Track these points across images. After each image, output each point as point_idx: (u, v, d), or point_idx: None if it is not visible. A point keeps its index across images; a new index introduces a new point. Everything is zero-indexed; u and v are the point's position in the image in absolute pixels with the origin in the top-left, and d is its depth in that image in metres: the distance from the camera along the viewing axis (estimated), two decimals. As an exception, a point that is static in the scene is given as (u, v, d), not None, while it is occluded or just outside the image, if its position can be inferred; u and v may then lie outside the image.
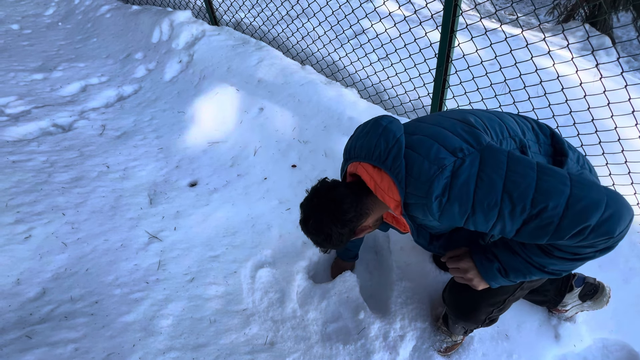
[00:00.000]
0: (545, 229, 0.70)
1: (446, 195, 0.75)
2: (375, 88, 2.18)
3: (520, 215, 0.70)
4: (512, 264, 0.83)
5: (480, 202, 0.72)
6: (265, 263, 1.54)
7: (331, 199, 0.90)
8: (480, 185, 0.72)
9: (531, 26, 3.79)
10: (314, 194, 0.94)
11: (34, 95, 2.57)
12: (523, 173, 0.72)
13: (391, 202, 0.86)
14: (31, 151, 2.01)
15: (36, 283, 1.39)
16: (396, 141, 0.84)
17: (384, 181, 0.85)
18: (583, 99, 1.36)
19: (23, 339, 1.19)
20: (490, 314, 1.03)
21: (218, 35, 2.72)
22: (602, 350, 1.25)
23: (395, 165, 0.82)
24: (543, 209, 0.68)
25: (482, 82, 1.65)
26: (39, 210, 1.64)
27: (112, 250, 1.52)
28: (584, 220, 0.66)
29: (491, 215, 0.72)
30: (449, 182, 0.75)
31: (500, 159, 0.74)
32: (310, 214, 0.93)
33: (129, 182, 1.87)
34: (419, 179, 0.78)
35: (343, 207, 0.89)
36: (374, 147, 0.87)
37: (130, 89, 2.68)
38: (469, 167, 0.74)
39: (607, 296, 1.21)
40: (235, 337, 1.28)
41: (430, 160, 0.77)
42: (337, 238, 0.91)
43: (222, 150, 2.06)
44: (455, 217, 0.77)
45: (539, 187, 0.70)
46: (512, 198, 0.70)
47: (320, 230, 0.91)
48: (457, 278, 0.96)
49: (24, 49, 3.33)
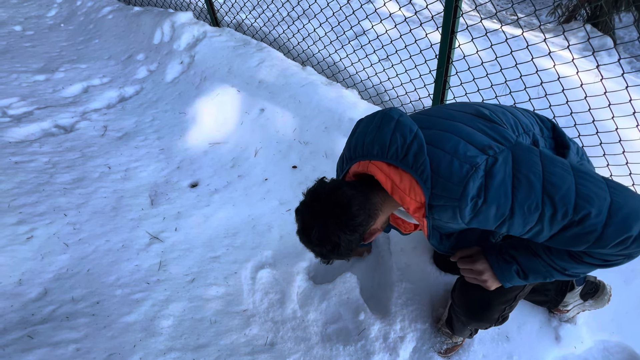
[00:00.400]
0: (587, 237, 0.66)
1: (482, 196, 0.69)
2: (376, 89, 2.18)
3: (561, 220, 0.66)
4: (532, 266, 0.80)
5: (520, 204, 0.67)
6: (265, 264, 1.54)
7: (336, 203, 0.77)
8: (518, 186, 0.67)
9: (532, 27, 3.79)
10: (313, 198, 0.80)
11: (37, 96, 2.59)
12: (560, 175, 0.68)
13: (412, 204, 0.77)
14: (33, 152, 2.02)
15: (38, 283, 1.39)
16: (415, 136, 0.75)
17: (403, 181, 0.76)
18: (584, 100, 1.36)
19: (25, 339, 1.19)
20: (503, 311, 1.00)
21: (219, 36, 2.73)
22: (603, 352, 1.25)
23: (418, 163, 0.74)
24: (586, 215, 0.65)
25: (483, 83, 1.65)
26: (41, 211, 1.65)
27: (113, 251, 1.53)
28: (627, 230, 0.64)
29: (531, 219, 0.68)
30: (483, 182, 0.69)
31: (534, 159, 0.70)
32: (312, 221, 0.79)
33: (130, 182, 1.88)
34: (449, 179, 0.71)
35: (352, 211, 0.76)
36: (390, 143, 0.77)
37: (131, 90, 2.69)
38: (502, 165, 0.69)
39: (608, 294, 1.21)
40: (235, 338, 1.28)
41: (460, 158, 0.71)
42: (345, 247, 0.79)
43: (223, 151, 2.07)
44: (489, 221, 0.71)
45: (579, 192, 0.66)
46: (554, 201, 0.66)
47: (326, 239, 0.78)
48: (469, 278, 0.92)
49: (26, 50, 3.35)
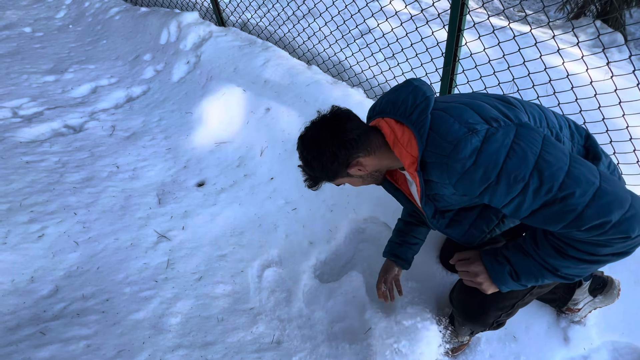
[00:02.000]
0: (566, 215, 0.68)
1: (473, 158, 0.72)
2: (382, 88, 2.18)
3: (544, 195, 0.69)
4: (524, 267, 0.81)
5: (508, 172, 0.70)
6: (272, 262, 1.55)
7: (336, 117, 0.89)
8: (512, 156, 0.70)
9: (541, 23, 3.73)
10: (322, 115, 0.93)
11: (46, 96, 2.63)
12: (557, 156, 0.70)
13: (407, 158, 0.83)
14: (44, 152, 2.06)
15: (49, 281, 1.42)
16: (425, 98, 0.82)
17: (404, 135, 0.83)
18: (594, 97, 1.34)
19: (37, 335, 1.22)
20: (499, 317, 1.02)
21: (225, 36, 2.74)
22: (613, 353, 1.23)
23: (420, 119, 0.80)
24: (570, 194, 0.67)
25: (490, 81, 1.63)
26: (52, 210, 1.68)
27: (122, 249, 1.55)
28: (606, 214, 0.66)
29: (515, 188, 0.70)
30: (478, 146, 0.72)
31: (536, 138, 0.73)
32: (311, 127, 0.92)
33: (138, 182, 1.90)
34: (445, 137, 0.76)
35: (346, 126, 0.87)
36: (401, 102, 0.85)
37: (139, 90, 2.72)
38: (502, 136, 0.73)
39: (617, 289, 1.20)
40: (242, 336, 1.29)
41: (462, 122, 0.76)
42: (329, 157, 0.87)
43: (229, 150, 2.08)
44: (474, 184, 0.74)
45: (570, 172, 0.68)
46: (542, 176, 0.68)
47: (315, 144, 0.89)
48: (466, 281, 0.94)
49: (36, 51, 3.40)
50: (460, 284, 1.06)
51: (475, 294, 0.96)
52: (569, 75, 1.39)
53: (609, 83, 1.31)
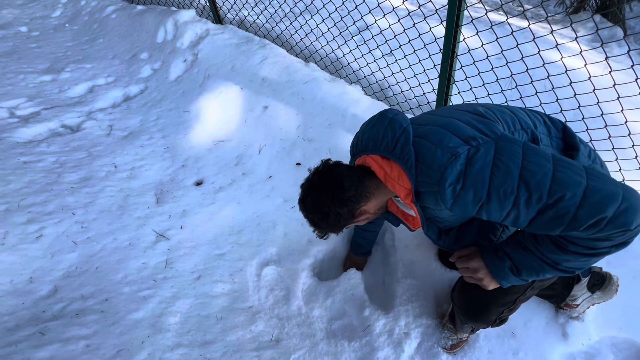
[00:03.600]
0: (561, 219, 0.69)
1: (460, 182, 0.74)
2: (380, 84, 2.17)
3: (536, 204, 0.69)
4: (525, 262, 0.82)
5: (496, 189, 0.71)
6: (270, 261, 1.55)
7: (331, 176, 0.89)
8: (497, 173, 0.72)
9: (540, 18, 3.71)
10: (314, 173, 0.94)
11: (43, 96, 2.62)
12: (539, 163, 0.71)
13: (402, 191, 0.85)
14: (41, 152, 2.05)
15: (48, 281, 1.42)
16: (403, 130, 0.84)
17: (393, 170, 0.85)
18: (592, 92, 1.34)
19: (37, 335, 1.22)
20: (501, 314, 1.01)
21: (222, 33, 2.72)
22: (611, 349, 1.23)
23: (404, 153, 0.82)
24: (560, 198, 0.68)
25: (488, 77, 1.62)
26: (50, 210, 1.67)
27: (120, 249, 1.55)
28: (600, 212, 0.66)
29: (507, 203, 0.71)
30: (463, 169, 0.74)
31: (515, 149, 0.74)
32: (309, 191, 0.92)
33: (136, 181, 1.90)
34: (431, 166, 0.77)
35: (343, 185, 0.87)
36: (382, 137, 0.87)
37: (136, 89, 2.71)
38: (484, 155, 0.74)
39: (615, 285, 1.20)
40: (241, 334, 1.29)
41: (443, 148, 0.77)
42: (334, 218, 0.89)
43: (227, 149, 2.07)
44: (468, 206, 0.75)
45: (555, 177, 0.69)
46: (529, 186, 0.69)
47: (317, 208, 0.90)
48: (467, 278, 0.94)
49: (32, 51, 3.38)
50: (461, 282, 1.06)
51: (476, 291, 0.96)
52: (567, 70, 1.39)
53: (607, 78, 1.30)
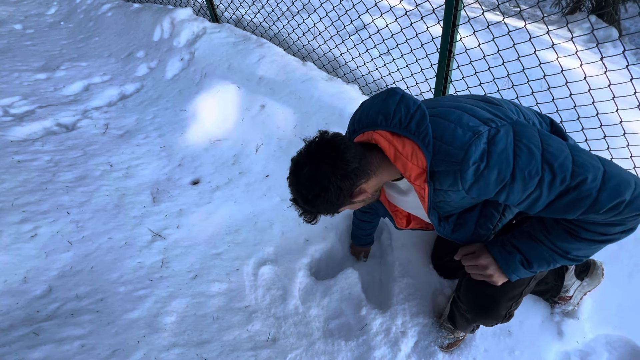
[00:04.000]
0: (583, 202, 0.69)
1: (484, 160, 0.71)
2: (377, 84, 2.17)
3: (559, 185, 0.69)
4: (535, 253, 0.82)
5: (521, 169, 0.70)
6: (267, 260, 1.55)
7: (333, 146, 0.78)
8: (520, 153, 0.71)
9: (536, 18, 3.73)
10: (312, 141, 0.81)
11: (38, 95, 2.59)
12: (558, 147, 0.71)
13: (414, 170, 0.79)
14: (36, 151, 2.03)
15: (42, 281, 1.41)
16: (418, 107, 0.79)
17: (406, 147, 0.79)
18: (588, 92, 1.34)
19: (31, 335, 1.21)
20: (510, 308, 1.00)
21: (219, 32, 2.71)
22: (606, 347, 1.24)
23: (420, 129, 0.77)
24: (582, 181, 0.68)
25: (485, 77, 1.63)
26: (44, 209, 1.66)
27: (116, 248, 1.54)
28: (620, 195, 0.67)
29: (531, 183, 0.70)
30: (486, 148, 0.72)
31: (533, 133, 0.74)
32: (306, 159, 0.79)
33: (132, 180, 1.89)
34: (452, 144, 0.74)
35: (346, 156, 0.77)
36: (394, 112, 0.80)
37: (132, 87, 2.69)
38: (504, 135, 0.73)
39: (600, 269, 1.24)
40: (238, 334, 1.29)
41: (463, 127, 0.74)
42: (334, 193, 0.78)
43: (224, 148, 2.07)
44: (489, 186, 0.73)
45: (575, 161, 0.69)
46: (553, 168, 0.69)
47: (315, 180, 0.77)
48: (475, 275, 0.92)
49: (27, 48, 3.35)
50: (467, 280, 1.03)
51: (484, 288, 0.95)
52: (563, 70, 1.39)
53: (603, 78, 1.31)
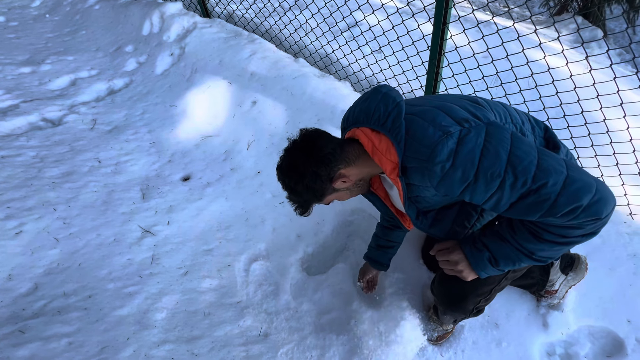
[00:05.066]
0: (542, 205, 0.72)
1: (451, 160, 0.75)
2: (369, 81, 2.18)
3: (520, 188, 0.72)
4: (502, 252, 0.85)
5: (485, 170, 0.73)
6: (259, 256, 1.55)
7: (307, 140, 0.90)
8: (486, 155, 0.73)
9: (524, 18, 3.79)
10: (291, 141, 0.94)
11: (22, 89, 2.53)
12: (526, 150, 0.74)
13: (388, 164, 0.85)
14: (20, 146, 1.98)
15: (28, 278, 1.38)
16: (396, 105, 0.85)
17: (382, 142, 0.85)
18: (573, 91, 1.38)
19: (16, 333, 1.19)
20: (478, 304, 1.06)
21: (210, 27, 2.68)
22: (589, 337, 1.28)
23: (394, 126, 0.82)
24: (543, 185, 0.70)
25: (475, 74, 1.65)
26: (30, 206, 1.62)
27: (104, 245, 1.52)
28: (577, 200, 0.69)
29: (492, 185, 0.73)
30: (454, 148, 0.75)
31: (505, 135, 0.76)
32: (285, 154, 0.93)
33: (121, 176, 1.86)
34: (421, 142, 0.78)
35: (318, 144, 0.88)
36: (374, 110, 0.87)
37: (121, 82, 2.64)
38: (475, 136, 0.75)
39: (584, 263, 1.28)
40: (229, 329, 1.29)
41: (435, 126, 0.78)
42: (311, 178, 0.88)
43: (215, 144, 2.05)
44: (454, 185, 0.77)
45: (540, 165, 0.72)
46: (516, 171, 0.72)
47: (293, 169, 0.90)
48: (448, 270, 0.96)
49: (10, 41, 3.26)
50: (441, 274, 1.09)
51: (454, 282, 1.00)
52: (550, 69, 1.42)
53: (588, 77, 1.34)
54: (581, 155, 1.52)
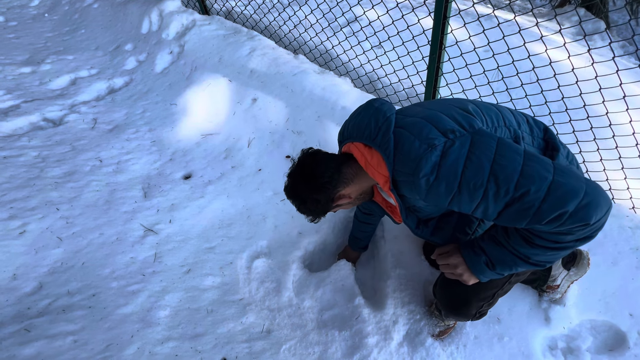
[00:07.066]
0: (526, 212, 0.72)
1: (434, 173, 0.76)
2: (369, 77, 2.17)
3: (503, 197, 0.72)
4: (498, 256, 0.85)
5: (467, 182, 0.74)
6: (261, 253, 1.55)
7: (306, 165, 0.95)
8: (469, 166, 0.74)
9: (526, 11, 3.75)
10: (295, 162, 0.99)
11: (23, 89, 2.53)
12: (510, 157, 0.73)
13: (380, 178, 0.88)
14: (22, 146, 1.99)
15: (32, 278, 1.39)
16: (386, 119, 0.87)
17: (374, 158, 0.88)
18: (575, 84, 1.36)
19: (22, 332, 1.20)
20: (480, 308, 1.05)
21: (209, 24, 2.67)
22: (591, 331, 1.28)
23: (383, 141, 0.84)
24: (525, 192, 0.70)
25: (476, 69, 1.64)
26: (33, 206, 1.63)
27: (107, 244, 1.53)
28: (562, 206, 0.68)
29: (476, 195, 0.74)
30: (438, 161, 0.76)
31: (490, 144, 0.76)
32: (288, 179, 0.99)
33: (122, 175, 1.86)
34: (408, 156, 0.80)
35: (316, 172, 0.92)
36: (365, 126, 0.90)
37: (121, 81, 2.64)
38: (458, 148, 0.76)
39: (586, 259, 1.27)
40: (232, 326, 1.30)
41: (421, 139, 0.79)
42: (312, 204, 0.95)
43: (216, 142, 2.05)
44: (440, 196, 0.78)
45: (523, 172, 0.71)
46: (498, 180, 0.72)
47: (295, 194, 0.97)
48: (448, 274, 0.96)
49: (10, 41, 3.26)
50: (442, 278, 1.09)
51: (457, 286, 0.99)
52: (551, 62, 1.41)
53: (590, 70, 1.33)
54: (583, 149, 1.51)
